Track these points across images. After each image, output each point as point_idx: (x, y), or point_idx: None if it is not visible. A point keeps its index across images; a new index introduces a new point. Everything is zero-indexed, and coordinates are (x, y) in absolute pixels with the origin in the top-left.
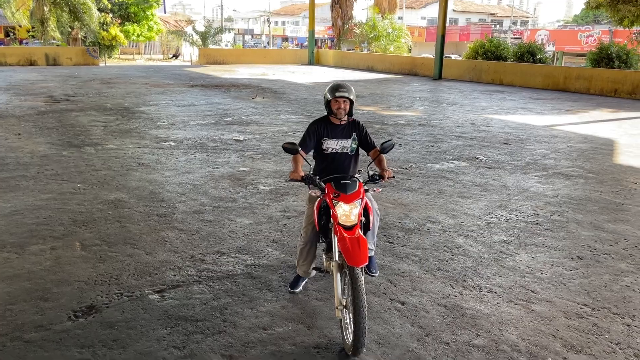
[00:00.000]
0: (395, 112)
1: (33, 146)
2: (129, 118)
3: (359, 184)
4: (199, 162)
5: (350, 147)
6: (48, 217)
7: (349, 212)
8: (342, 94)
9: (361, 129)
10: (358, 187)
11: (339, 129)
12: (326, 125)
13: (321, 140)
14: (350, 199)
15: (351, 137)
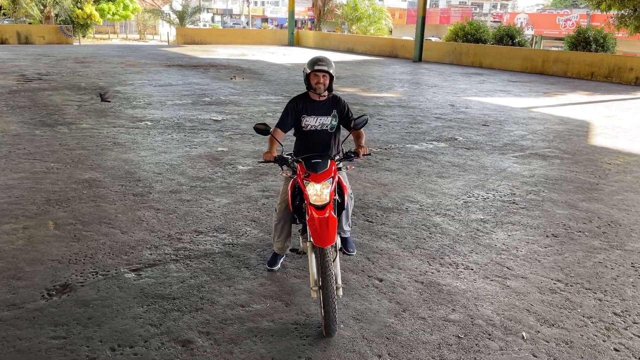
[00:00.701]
0: (375, 94)
1: (4, 125)
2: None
3: (331, 162)
4: (176, 142)
5: (330, 124)
6: (20, 197)
7: (320, 191)
8: (320, 67)
9: (342, 105)
10: (329, 166)
11: (319, 105)
12: (305, 102)
13: (300, 117)
14: (321, 178)
15: (331, 114)
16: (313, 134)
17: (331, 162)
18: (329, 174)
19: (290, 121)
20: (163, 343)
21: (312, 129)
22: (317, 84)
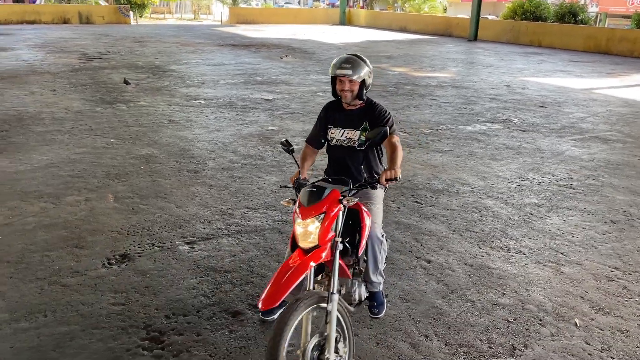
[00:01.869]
0: (427, 74)
1: (68, 102)
2: (160, 76)
3: (331, 193)
4: (228, 120)
5: (358, 139)
6: (82, 170)
7: (303, 229)
8: (344, 71)
9: (376, 113)
10: (325, 197)
11: (348, 115)
12: (334, 110)
13: (327, 128)
14: (308, 213)
15: (360, 127)
16: (340, 150)
17: (331, 193)
18: (319, 208)
19: (320, 134)
20: (215, 313)
21: (338, 144)
22: (342, 91)
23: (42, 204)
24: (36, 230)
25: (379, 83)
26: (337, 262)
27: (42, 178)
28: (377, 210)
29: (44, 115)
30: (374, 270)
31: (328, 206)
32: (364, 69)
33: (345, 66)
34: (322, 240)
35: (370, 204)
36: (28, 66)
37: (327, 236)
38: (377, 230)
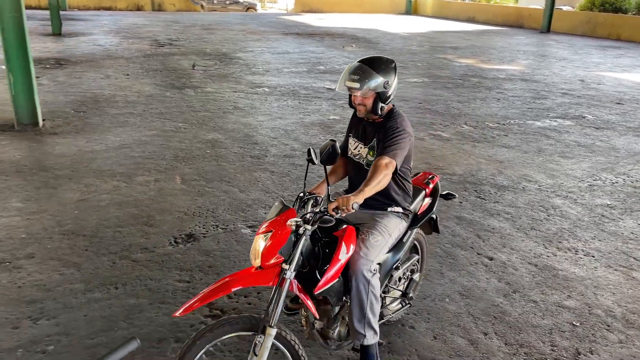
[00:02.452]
0: (495, 66)
1: (140, 86)
2: (227, 63)
3: (286, 212)
4: (291, 108)
5: (365, 158)
6: (152, 152)
7: (255, 247)
8: (351, 84)
9: (386, 128)
10: (278, 215)
11: (365, 126)
12: (357, 117)
13: (349, 135)
14: (260, 228)
15: (369, 144)
16: (353, 166)
17: (286, 212)
18: (270, 226)
19: (346, 142)
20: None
21: (352, 156)
22: (355, 103)
23: (115, 183)
24: (109, 207)
25: (444, 74)
26: (282, 292)
27: (116, 158)
28: (375, 242)
29: (118, 98)
30: (358, 318)
31: (277, 225)
32: (377, 79)
33: (353, 77)
34: (265, 261)
35: (371, 233)
36: (104, 51)
37: (271, 259)
38: (364, 265)
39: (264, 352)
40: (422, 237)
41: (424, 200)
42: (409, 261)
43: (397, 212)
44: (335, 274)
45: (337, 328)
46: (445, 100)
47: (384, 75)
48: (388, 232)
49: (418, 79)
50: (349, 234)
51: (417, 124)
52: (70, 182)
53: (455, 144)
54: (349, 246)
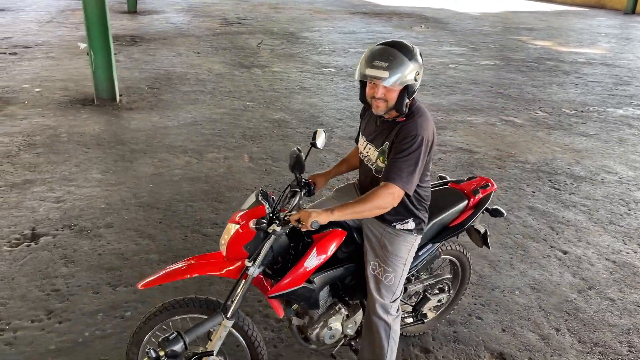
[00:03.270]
0: (574, 49)
1: (210, 64)
2: (294, 43)
3: (257, 207)
4: (357, 89)
5: (375, 163)
6: (222, 130)
7: (224, 234)
8: (377, 72)
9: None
10: (250, 209)
11: (378, 125)
12: (369, 112)
13: (360, 132)
14: (233, 217)
15: (379, 147)
16: (364, 167)
17: (257, 208)
18: (240, 218)
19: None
20: None
21: (362, 157)
22: (372, 98)
23: (187, 158)
24: (181, 182)
25: (518, 57)
26: (244, 287)
27: (187, 134)
28: (389, 283)
29: (189, 76)
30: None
31: (246, 219)
32: (409, 66)
33: (380, 64)
34: (230, 253)
35: (384, 271)
36: (176, 29)
37: (236, 252)
38: (382, 312)
39: (216, 341)
40: (464, 256)
41: (464, 211)
42: (434, 278)
43: (408, 229)
44: (296, 280)
45: (316, 329)
46: (518, 85)
47: (414, 63)
48: (401, 261)
49: (490, 62)
50: (328, 239)
51: (487, 108)
52: (145, 157)
53: (529, 130)
54: (323, 250)
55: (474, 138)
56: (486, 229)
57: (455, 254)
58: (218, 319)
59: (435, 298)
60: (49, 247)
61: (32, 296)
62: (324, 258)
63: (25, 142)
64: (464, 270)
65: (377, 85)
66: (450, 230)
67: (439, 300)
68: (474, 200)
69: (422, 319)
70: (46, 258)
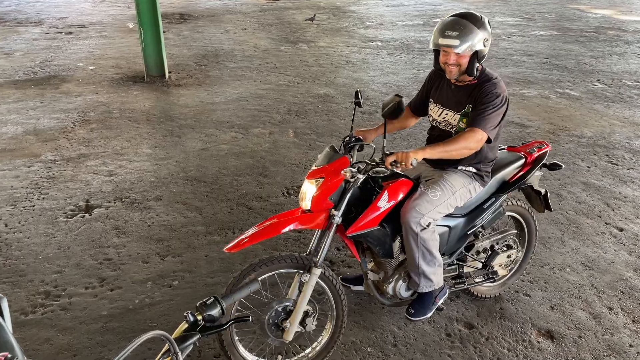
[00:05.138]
0: (637, 17)
1: (256, 40)
2: (340, 17)
3: (339, 159)
4: (404, 63)
5: (456, 125)
6: (267, 105)
7: (304, 190)
8: (448, 40)
9: (480, 93)
10: (331, 162)
11: (453, 92)
12: (440, 81)
13: (428, 101)
14: (313, 173)
15: (461, 111)
16: (438, 133)
17: (339, 159)
18: (321, 172)
19: (418, 100)
20: None
21: (435, 123)
22: (446, 64)
23: (233, 134)
24: (228, 157)
25: (576, 27)
26: (329, 236)
27: (234, 110)
28: (433, 197)
29: (236, 52)
30: (411, 267)
31: (329, 172)
32: (477, 34)
33: (451, 34)
34: (315, 206)
35: (431, 188)
36: (224, 6)
37: (322, 204)
38: (412, 218)
39: (307, 289)
40: (528, 212)
41: (522, 168)
42: (500, 234)
43: (469, 171)
44: (372, 220)
45: (392, 283)
46: (575, 56)
47: (483, 31)
48: (451, 189)
49: (545, 32)
50: (397, 185)
51: (542, 80)
52: (193, 132)
53: (585, 103)
54: (393, 195)
55: (526, 112)
56: (546, 190)
57: (518, 209)
58: (255, 285)
59: (504, 254)
60: (101, 219)
61: (86, 264)
62: (393, 203)
63: (80, 118)
64: (529, 226)
65: (449, 52)
66: (511, 184)
67: (508, 256)
68: (530, 157)
69: (492, 277)
70: (99, 229)
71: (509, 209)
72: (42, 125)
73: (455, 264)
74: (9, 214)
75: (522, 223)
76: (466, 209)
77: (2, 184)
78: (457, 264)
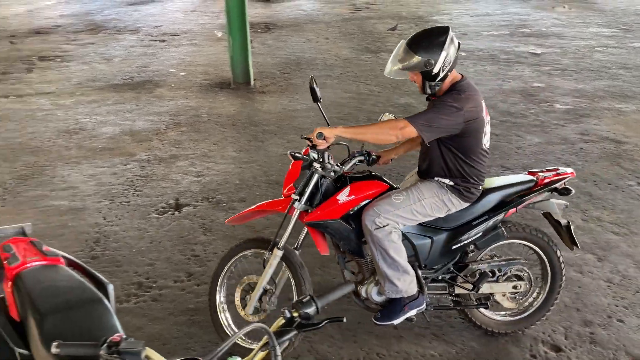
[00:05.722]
0: None
1: (337, 50)
2: (422, 26)
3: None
4: (488, 74)
5: None
6: (347, 114)
7: None
8: (393, 66)
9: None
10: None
11: (428, 105)
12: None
13: None
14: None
15: None
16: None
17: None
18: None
19: None
20: None
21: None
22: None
23: None
24: None
25: None
26: (290, 220)
27: (314, 117)
28: (396, 200)
29: (317, 61)
30: (376, 267)
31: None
32: (413, 61)
33: (395, 59)
34: (284, 189)
35: (397, 192)
36: (306, 15)
37: (286, 189)
38: (368, 215)
39: (269, 268)
40: (547, 244)
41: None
42: (505, 262)
43: (444, 182)
44: (330, 212)
45: (365, 285)
46: None
47: (424, 54)
48: (419, 196)
49: None
50: (363, 184)
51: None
52: (275, 137)
53: None
54: (355, 192)
55: (623, 127)
56: (569, 222)
57: (532, 238)
58: (348, 287)
59: (506, 283)
60: (190, 217)
61: (175, 259)
62: (352, 198)
63: (172, 121)
64: (550, 261)
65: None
66: (507, 204)
67: (514, 287)
68: (540, 181)
69: (485, 303)
70: (187, 226)
71: (519, 237)
72: (137, 126)
73: (443, 280)
74: (107, 208)
75: (541, 256)
76: (451, 222)
77: (102, 180)
78: (448, 283)
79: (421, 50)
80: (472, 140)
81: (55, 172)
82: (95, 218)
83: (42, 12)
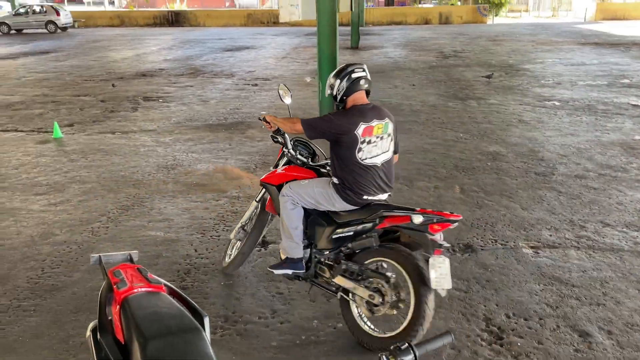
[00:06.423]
0: None
1: (424, 96)
2: (512, 75)
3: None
4: (585, 124)
5: None
6: (433, 160)
7: None
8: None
9: None
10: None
11: None
12: None
13: None
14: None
15: None
16: None
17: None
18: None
19: None
20: (558, 326)
21: None
22: None
23: (398, 185)
24: None
25: None
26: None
27: (399, 162)
28: (302, 182)
29: (403, 107)
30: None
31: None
32: (330, 81)
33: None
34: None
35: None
36: (393, 63)
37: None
38: (283, 188)
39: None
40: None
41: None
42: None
43: (332, 180)
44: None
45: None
46: None
47: (328, 80)
48: (315, 184)
49: None
50: (297, 167)
51: None
52: None
53: None
54: (289, 170)
55: None
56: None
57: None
58: (448, 338)
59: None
60: (275, 254)
61: (260, 295)
62: (282, 172)
63: (261, 161)
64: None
65: None
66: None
67: (370, 296)
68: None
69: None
70: (272, 262)
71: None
72: (229, 164)
73: (325, 264)
74: (198, 241)
75: (402, 273)
76: (338, 218)
77: (195, 214)
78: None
79: (329, 77)
80: (347, 152)
81: (154, 205)
82: (187, 250)
83: (148, 56)
